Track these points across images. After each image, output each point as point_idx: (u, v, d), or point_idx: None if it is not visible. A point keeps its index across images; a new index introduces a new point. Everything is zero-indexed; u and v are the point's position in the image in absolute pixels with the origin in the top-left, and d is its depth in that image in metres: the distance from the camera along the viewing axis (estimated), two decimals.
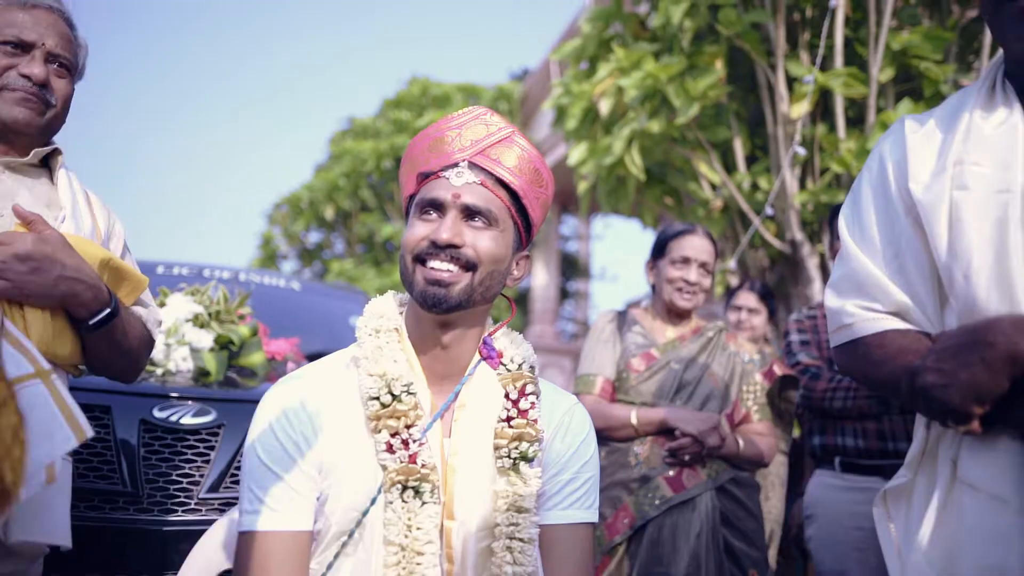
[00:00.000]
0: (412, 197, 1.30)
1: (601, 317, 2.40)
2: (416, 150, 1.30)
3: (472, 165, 1.25)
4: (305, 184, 14.25)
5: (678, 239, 2.33)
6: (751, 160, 4.32)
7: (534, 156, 1.30)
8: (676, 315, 2.33)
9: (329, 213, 13.48)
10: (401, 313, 1.32)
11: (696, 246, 2.31)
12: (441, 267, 1.21)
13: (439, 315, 1.23)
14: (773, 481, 2.50)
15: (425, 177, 1.27)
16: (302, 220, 14.23)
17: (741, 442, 2.17)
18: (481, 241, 1.23)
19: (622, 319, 2.37)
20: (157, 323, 1.53)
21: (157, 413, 2.00)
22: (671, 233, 2.36)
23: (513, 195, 1.28)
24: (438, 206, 1.24)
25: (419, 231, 1.23)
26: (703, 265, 2.30)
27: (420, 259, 1.23)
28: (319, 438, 1.20)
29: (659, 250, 2.37)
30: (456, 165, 1.25)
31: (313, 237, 15.15)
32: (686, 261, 2.30)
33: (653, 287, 2.40)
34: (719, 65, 3.89)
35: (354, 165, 12.68)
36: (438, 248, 1.21)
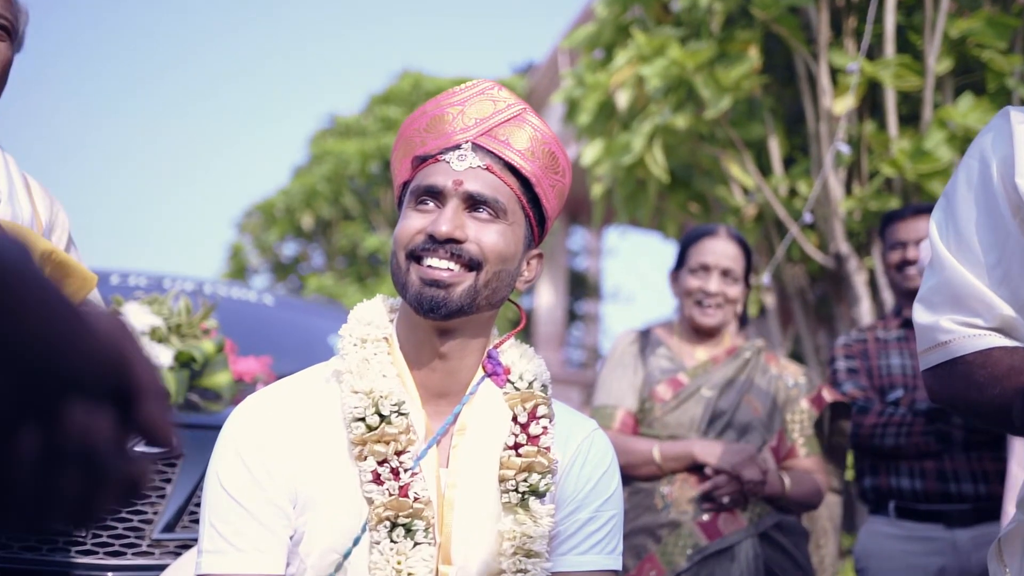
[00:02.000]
0: (406, 185, 1.28)
1: (621, 338, 2.37)
2: (411, 130, 1.28)
3: (477, 147, 1.23)
4: (281, 189, 14.29)
5: (697, 244, 2.28)
6: (789, 162, 4.31)
7: (549, 138, 1.27)
8: (705, 333, 2.29)
9: (307, 222, 13.50)
10: (392, 320, 1.29)
11: (717, 250, 2.25)
12: (440, 265, 1.18)
13: (437, 322, 1.20)
14: (825, 526, 2.45)
15: (422, 161, 1.25)
16: (276, 229, 14.25)
17: (787, 480, 2.11)
18: (486, 235, 1.20)
19: (645, 340, 2.32)
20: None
21: None
22: (692, 238, 2.32)
23: (524, 182, 1.25)
24: (436, 194, 1.21)
25: (414, 223, 1.20)
26: (727, 272, 2.24)
27: (415, 256, 1.20)
28: (294, 465, 1.17)
29: (680, 258, 2.34)
30: (458, 147, 1.22)
31: (288, 249, 15.16)
32: (705, 269, 2.25)
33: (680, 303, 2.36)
34: (753, 53, 3.89)
35: (336, 168, 12.71)
36: (436, 243, 1.18)
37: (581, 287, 12.90)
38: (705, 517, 2.05)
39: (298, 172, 14.38)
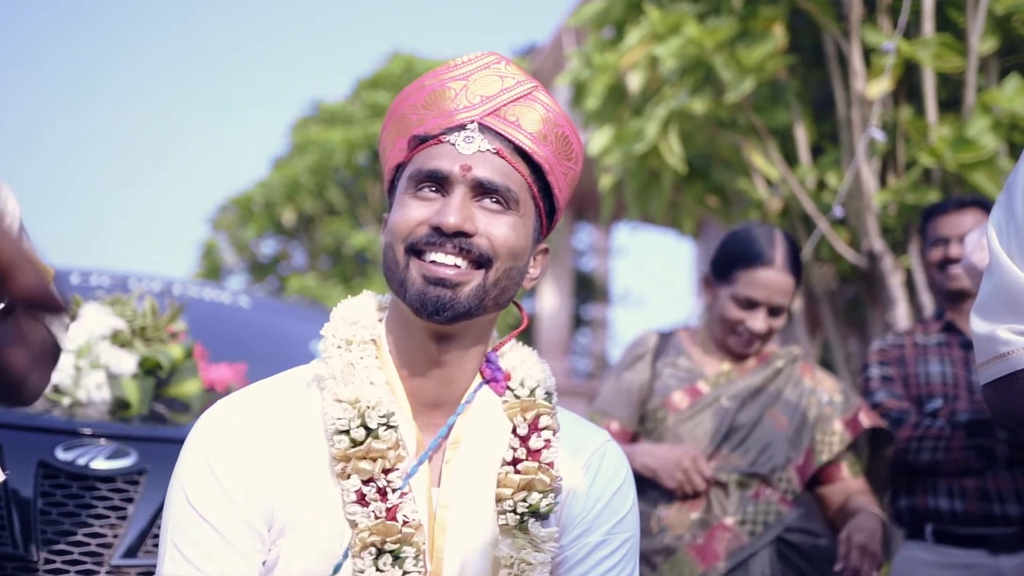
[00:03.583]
0: (400, 168, 1.26)
1: (637, 340, 2.35)
2: (406, 105, 1.26)
3: (484, 128, 1.21)
4: (259, 181, 14.31)
5: (750, 270, 2.15)
6: (817, 151, 4.30)
7: (562, 119, 1.26)
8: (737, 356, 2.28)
9: (288, 217, 13.52)
10: (380, 320, 1.27)
11: (770, 284, 2.14)
12: (446, 261, 1.16)
13: (440, 325, 1.18)
14: None
15: (421, 142, 1.23)
16: (254, 225, 14.27)
17: (878, 511, 2.08)
18: (497, 228, 1.19)
19: (664, 344, 2.31)
20: (64, 327, 1.47)
21: (61, 454, 1.95)
22: (743, 256, 2.18)
23: (535, 169, 1.24)
24: (440, 180, 1.19)
25: (414, 213, 1.19)
26: (776, 310, 2.18)
27: (415, 250, 1.18)
28: (271, 481, 1.15)
29: (722, 270, 2.23)
30: (463, 127, 1.21)
31: (267, 247, 15.18)
32: (752, 305, 2.17)
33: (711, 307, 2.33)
34: (778, 31, 3.87)
35: (320, 159, 12.74)
36: (443, 236, 1.16)
37: (588, 289, 12.90)
38: (699, 540, 2.04)
39: (278, 163, 14.40)
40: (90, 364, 2.27)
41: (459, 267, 1.16)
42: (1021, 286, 1.15)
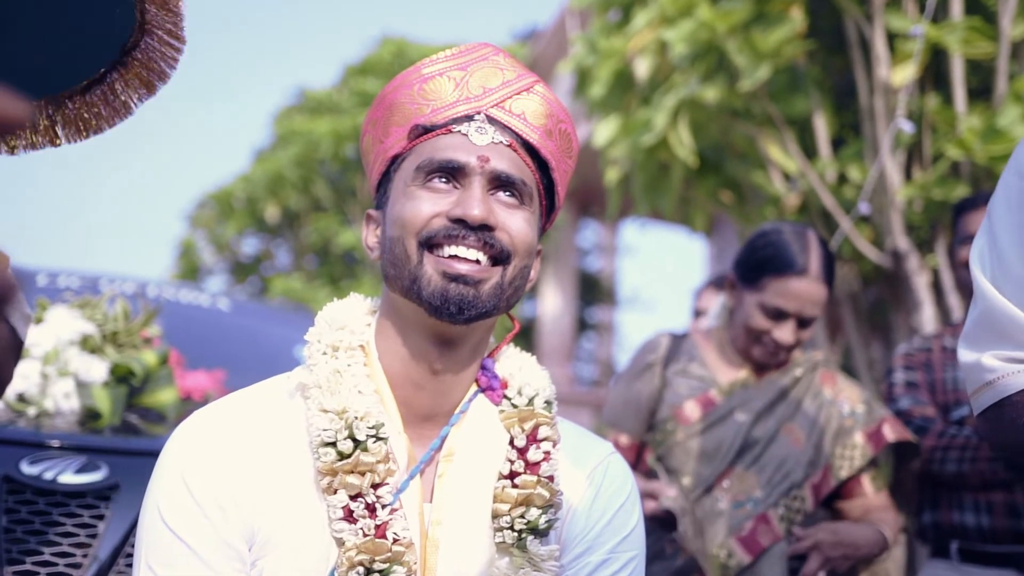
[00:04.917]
0: (397, 158, 1.27)
1: (648, 344, 2.35)
2: (401, 94, 1.27)
3: (491, 120, 1.23)
4: (240, 175, 14.32)
5: (781, 279, 2.13)
6: (838, 143, 4.30)
7: (563, 114, 1.29)
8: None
9: (271, 213, 13.53)
10: (370, 325, 1.28)
11: (803, 295, 2.12)
12: (468, 256, 1.18)
13: (454, 326, 1.19)
14: (887, 568, 2.45)
15: (425, 131, 1.24)
16: (234, 223, 14.28)
17: (889, 532, 2.09)
18: (514, 223, 1.21)
19: (676, 347, 2.30)
20: (25, 319, 1.48)
21: (26, 468, 1.95)
22: (774, 263, 2.15)
23: (540, 165, 1.26)
24: (454, 171, 1.20)
25: (427, 205, 1.20)
26: (806, 321, 2.17)
27: (431, 244, 1.19)
28: (251, 497, 1.15)
29: (749, 275, 2.21)
30: (471, 118, 1.22)
31: (249, 245, 15.19)
32: (781, 316, 2.15)
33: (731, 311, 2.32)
34: (797, 14, 3.88)
35: (305, 150, 12.75)
36: (467, 229, 1.17)
37: (593, 291, 12.92)
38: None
39: (260, 156, 14.41)
40: (58, 371, 2.27)
41: (479, 262, 1.18)
42: (1005, 313, 1.19)
